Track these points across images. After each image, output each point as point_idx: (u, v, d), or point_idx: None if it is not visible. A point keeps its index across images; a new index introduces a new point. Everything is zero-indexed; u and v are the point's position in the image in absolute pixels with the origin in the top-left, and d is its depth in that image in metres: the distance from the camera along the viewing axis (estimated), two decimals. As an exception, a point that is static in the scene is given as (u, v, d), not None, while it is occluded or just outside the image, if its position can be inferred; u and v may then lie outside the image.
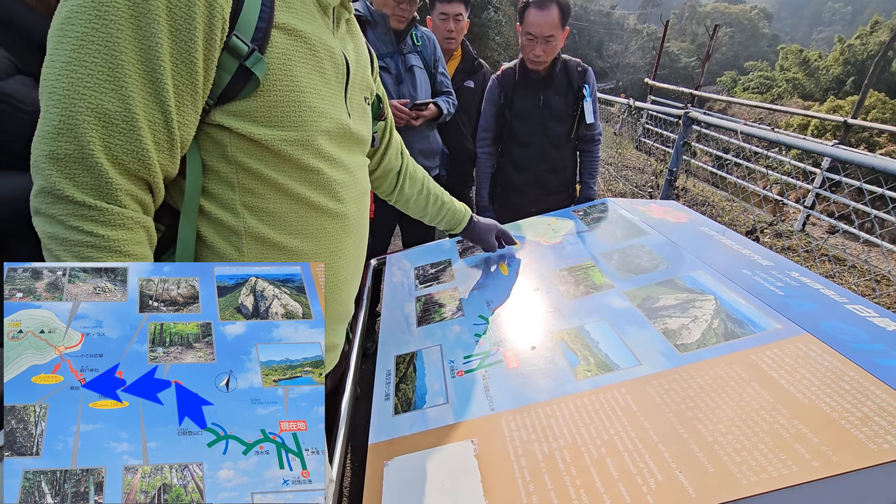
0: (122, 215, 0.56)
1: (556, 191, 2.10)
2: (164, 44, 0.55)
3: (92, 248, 0.55)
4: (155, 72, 0.55)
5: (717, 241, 1.32)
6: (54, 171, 0.53)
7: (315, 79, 0.69)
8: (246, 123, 0.64)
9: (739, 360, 0.83)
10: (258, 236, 0.69)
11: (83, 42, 0.52)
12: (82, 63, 0.52)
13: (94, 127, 0.53)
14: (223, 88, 0.61)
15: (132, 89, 0.54)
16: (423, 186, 1.23)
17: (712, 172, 5.86)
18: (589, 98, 1.93)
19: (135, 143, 0.56)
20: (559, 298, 1.15)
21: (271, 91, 0.64)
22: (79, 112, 0.52)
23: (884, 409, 0.68)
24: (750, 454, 0.66)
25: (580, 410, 0.81)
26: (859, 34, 22.13)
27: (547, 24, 1.75)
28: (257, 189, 0.68)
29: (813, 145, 2.25)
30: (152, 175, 0.59)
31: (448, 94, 2.07)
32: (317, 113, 0.70)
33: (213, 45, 0.58)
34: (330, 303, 0.80)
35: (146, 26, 0.53)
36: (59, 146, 0.53)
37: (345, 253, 0.80)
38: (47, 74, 0.53)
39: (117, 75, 0.53)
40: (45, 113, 0.53)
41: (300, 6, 0.68)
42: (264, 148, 0.66)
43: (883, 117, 15.33)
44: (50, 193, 0.54)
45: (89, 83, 0.52)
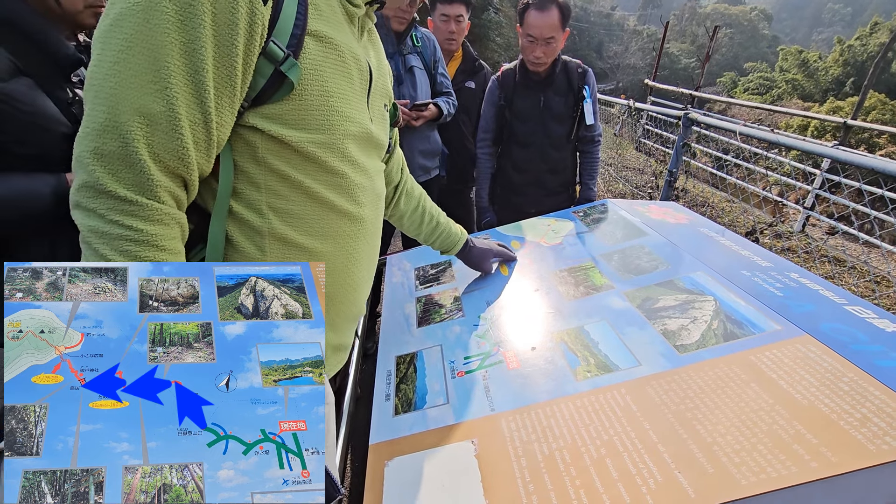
0: (160, 211, 0.58)
1: (555, 191, 2.10)
2: (208, 48, 0.57)
3: (130, 241, 0.57)
4: (198, 74, 0.57)
5: (717, 242, 1.32)
6: (98, 166, 0.55)
7: (343, 84, 0.72)
8: (277, 126, 0.66)
9: (739, 361, 0.83)
10: (281, 237, 0.71)
11: (131, 44, 0.54)
12: (129, 64, 0.54)
13: (139, 126, 0.55)
14: (257, 92, 0.64)
15: (176, 91, 0.56)
16: (419, 204, 1.22)
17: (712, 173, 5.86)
18: (589, 99, 1.93)
19: (176, 143, 0.58)
20: (559, 299, 1.15)
21: (302, 95, 0.66)
22: (124, 111, 0.54)
23: (882, 410, 0.68)
24: (749, 455, 0.66)
25: (580, 411, 0.81)
26: (859, 35, 22.14)
27: (547, 25, 1.75)
28: (283, 191, 0.70)
29: (813, 146, 2.25)
30: (190, 173, 0.61)
31: (448, 94, 2.07)
32: (344, 117, 0.72)
33: (252, 49, 0.60)
34: (343, 304, 0.81)
35: (191, 30, 0.55)
36: (103, 143, 0.55)
37: (360, 255, 0.82)
38: (94, 74, 0.55)
39: (163, 77, 0.55)
40: (90, 111, 0.55)
41: (330, 14, 0.70)
42: (293, 150, 0.68)
43: (883, 118, 15.33)
44: (92, 188, 0.56)
45: (135, 84, 0.54)
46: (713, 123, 2.76)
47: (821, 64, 22.69)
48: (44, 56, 0.91)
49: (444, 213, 1.30)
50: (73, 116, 0.95)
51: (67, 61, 0.94)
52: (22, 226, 0.90)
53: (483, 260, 1.34)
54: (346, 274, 0.80)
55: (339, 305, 0.81)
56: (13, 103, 0.85)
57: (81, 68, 1.02)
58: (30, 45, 0.89)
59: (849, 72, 21.52)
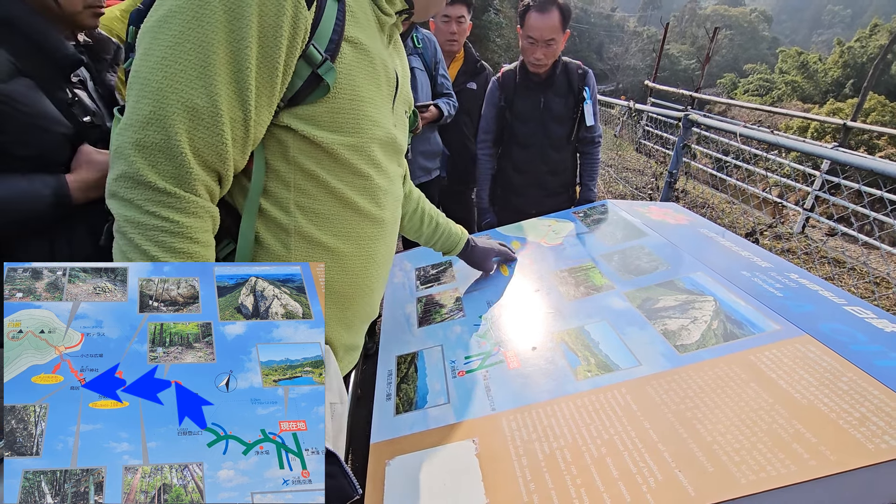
0: (196, 203, 0.60)
1: (556, 192, 2.10)
2: (253, 48, 0.58)
3: (166, 233, 0.58)
4: (241, 73, 0.59)
5: (717, 242, 1.32)
6: (139, 157, 0.56)
7: (373, 90, 0.74)
8: (310, 126, 0.68)
9: (738, 361, 0.83)
10: (306, 235, 0.72)
11: (180, 41, 0.56)
12: (177, 60, 0.56)
13: (183, 120, 0.57)
14: (294, 92, 0.65)
15: (220, 87, 0.58)
16: (418, 206, 1.22)
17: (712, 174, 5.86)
18: (589, 100, 1.94)
19: (216, 138, 0.59)
20: (559, 299, 1.16)
21: (336, 98, 0.69)
22: (170, 105, 0.56)
23: (881, 410, 0.68)
24: (749, 454, 0.66)
25: (580, 410, 0.81)
26: (858, 37, 22.16)
27: (548, 27, 1.75)
28: (310, 190, 0.71)
29: (812, 148, 2.25)
30: (226, 168, 0.62)
31: (448, 95, 2.07)
32: (372, 122, 0.74)
33: (293, 52, 0.63)
34: (360, 305, 0.82)
35: (239, 30, 0.57)
36: (147, 135, 0.56)
37: (378, 257, 0.83)
38: (141, 68, 0.57)
39: (209, 73, 0.57)
40: (135, 103, 0.56)
41: (365, 22, 0.73)
42: (323, 151, 0.70)
43: (882, 120, 15.33)
44: (131, 178, 0.57)
45: (182, 79, 0.56)
46: (713, 125, 2.76)
47: (820, 66, 22.71)
48: (43, 56, 0.91)
49: (443, 214, 1.30)
50: (72, 117, 0.95)
51: (67, 62, 0.94)
52: (21, 227, 0.90)
53: (485, 259, 1.34)
54: (365, 275, 0.81)
55: (356, 306, 0.82)
56: (12, 104, 0.85)
57: (82, 68, 1.02)
58: (29, 45, 0.89)
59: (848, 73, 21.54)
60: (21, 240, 0.93)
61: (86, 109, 0.98)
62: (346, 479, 0.61)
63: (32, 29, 0.89)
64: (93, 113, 1.00)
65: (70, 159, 0.95)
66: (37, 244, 0.94)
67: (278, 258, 0.71)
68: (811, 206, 5.17)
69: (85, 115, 0.97)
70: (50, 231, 0.95)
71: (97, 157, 0.97)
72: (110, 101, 1.09)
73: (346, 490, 0.61)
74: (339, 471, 0.61)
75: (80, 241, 0.98)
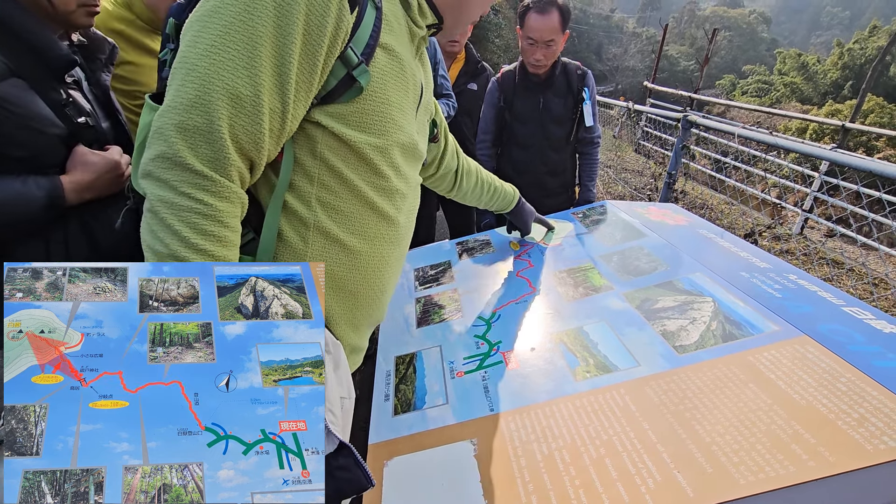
0: (229, 188, 0.61)
1: (555, 193, 2.10)
2: (297, 43, 0.61)
3: (199, 215, 0.59)
4: (284, 66, 0.61)
5: (716, 243, 1.32)
6: (179, 139, 0.58)
7: (400, 95, 0.77)
8: (339, 124, 0.70)
9: (737, 362, 0.83)
10: (324, 231, 0.74)
11: (230, 30, 0.58)
12: (226, 48, 0.58)
13: (226, 106, 0.58)
14: (328, 91, 0.68)
15: (264, 78, 0.60)
16: (478, 179, 1.34)
17: (711, 175, 5.87)
18: (588, 101, 1.94)
19: (256, 126, 0.61)
20: (558, 300, 1.16)
21: (366, 100, 0.71)
22: (215, 90, 0.58)
23: (880, 410, 0.68)
24: (748, 454, 0.66)
25: (579, 411, 0.81)
26: (857, 39, 22.20)
27: (547, 28, 1.75)
28: (333, 186, 0.73)
29: (811, 149, 2.26)
30: (260, 157, 0.64)
31: (448, 96, 2.08)
32: (397, 125, 0.76)
33: (333, 52, 0.65)
34: (369, 306, 0.83)
35: (286, 25, 0.60)
36: (189, 118, 0.58)
37: (390, 259, 0.84)
38: (188, 54, 0.58)
39: (255, 64, 0.59)
40: (180, 87, 0.58)
41: (399, 31, 0.76)
42: (349, 149, 0.72)
43: (881, 121, 15.36)
44: (169, 159, 0.58)
45: (230, 66, 0.58)
46: (712, 126, 2.76)
47: (819, 67, 22.75)
48: (36, 57, 0.90)
49: (496, 177, 1.42)
50: (66, 118, 0.94)
51: (60, 62, 0.93)
52: (15, 228, 0.89)
53: (528, 218, 1.49)
54: (377, 276, 0.82)
55: (365, 307, 0.82)
56: (5, 105, 0.85)
57: (77, 69, 1.02)
58: (22, 45, 0.88)
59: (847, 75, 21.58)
60: (16, 241, 0.92)
61: (80, 110, 0.98)
62: (361, 470, 0.63)
63: (25, 29, 0.88)
64: (87, 113, 0.99)
65: (64, 160, 0.95)
66: (32, 245, 0.94)
67: (296, 252, 0.73)
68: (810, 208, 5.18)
69: (79, 116, 0.97)
70: (45, 231, 0.94)
71: (92, 159, 0.97)
72: (105, 102, 1.09)
73: (361, 482, 0.63)
74: (354, 462, 0.62)
75: (75, 241, 0.98)
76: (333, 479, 0.60)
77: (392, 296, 1.40)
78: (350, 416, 0.82)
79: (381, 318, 0.91)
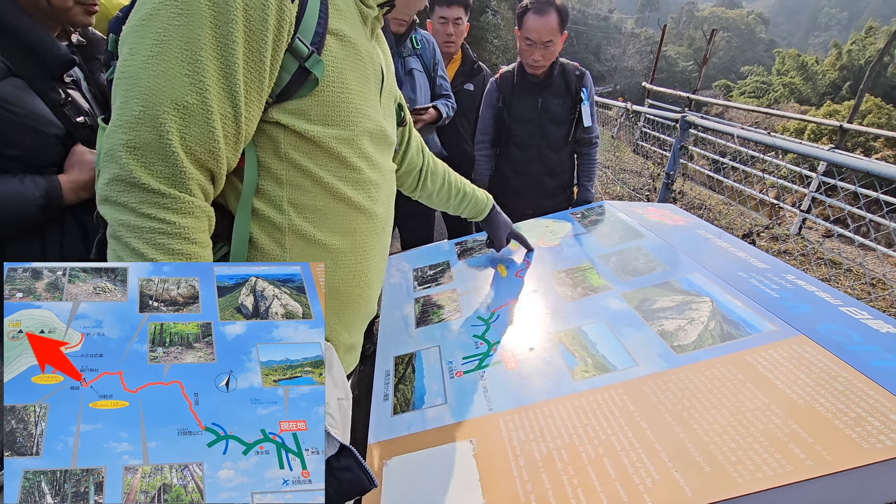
0: (192, 204, 0.59)
1: (553, 193, 2.11)
2: (240, 42, 0.58)
3: (163, 234, 0.57)
4: (230, 68, 0.58)
5: (714, 243, 1.33)
6: (131, 159, 0.55)
7: (361, 82, 0.74)
8: (301, 121, 0.68)
9: (735, 362, 0.83)
10: (301, 233, 0.72)
11: (165, 38, 0.55)
12: (165, 57, 0.55)
13: (174, 118, 0.56)
14: (282, 87, 0.65)
15: (210, 84, 0.57)
16: (444, 181, 1.28)
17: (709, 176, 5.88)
18: (586, 101, 1.94)
19: (208, 135, 0.59)
20: (557, 300, 1.16)
21: (324, 91, 0.69)
22: (160, 103, 0.55)
23: (877, 410, 0.68)
24: (745, 454, 0.66)
25: (578, 411, 0.81)
26: (855, 39, 22.25)
27: (546, 29, 1.76)
28: (304, 185, 0.71)
29: (809, 149, 2.26)
30: (219, 167, 0.62)
31: (447, 97, 2.08)
32: (362, 114, 0.74)
33: (280, 46, 0.62)
34: (357, 302, 0.82)
35: (224, 25, 0.57)
36: (137, 135, 0.55)
37: (373, 251, 0.83)
38: (128, 66, 0.56)
39: (197, 70, 0.56)
40: (124, 103, 0.56)
41: (348, 15, 0.73)
42: (315, 145, 0.70)
43: (879, 122, 15.39)
44: (124, 181, 0.56)
45: (171, 76, 0.55)
46: (710, 126, 2.77)
47: (817, 68, 22.81)
48: (35, 57, 0.90)
49: (468, 181, 1.35)
50: (65, 118, 0.94)
51: (59, 62, 0.93)
52: (11, 228, 0.89)
53: (501, 231, 1.39)
54: (361, 271, 0.81)
55: (353, 303, 0.82)
56: (4, 105, 0.85)
57: (75, 68, 1.02)
58: (20, 45, 0.88)
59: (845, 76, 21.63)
60: (12, 239, 0.92)
61: (79, 109, 0.98)
62: (363, 471, 0.62)
63: (23, 29, 0.88)
64: (86, 113, 0.99)
65: (63, 160, 0.95)
66: (28, 243, 0.94)
67: (273, 258, 0.71)
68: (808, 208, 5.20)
69: (78, 116, 0.97)
70: (41, 230, 0.94)
71: (90, 158, 0.97)
72: (104, 102, 1.09)
73: (363, 483, 0.62)
74: (356, 464, 0.62)
75: (71, 241, 0.98)
76: (336, 480, 0.60)
77: (389, 293, 1.41)
78: (349, 417, 0.82)
79: (372, 312, 0.90)
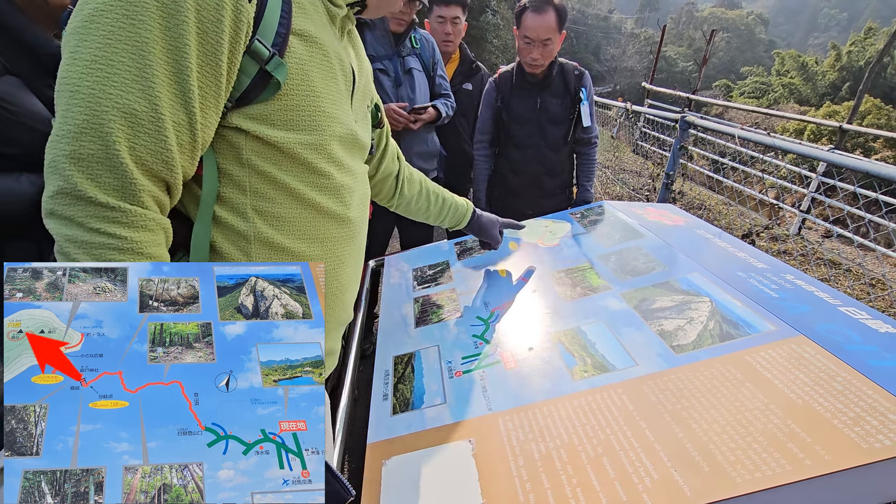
0: (144, 217, 0.56)
1: (552, 193, 2.11)
2: (192, 45, 0.55)
3: (114, 250, 0.55)
4: (182, 73, 0.55)
5: (713, 244, 1.33)
6: (76, 171, 0.52)
7: (328, 84, 0.70)
8: (263, 126, 0.64)
9: (734, 361, 0.84)
10: (267, 241, 0.69)
11: (110, 41, 0.51)
12: (109, 62, 0.51)
13: (121, 127, 0.52)
14: (242, 91, 0.62)
15: (160, 90, 0.54)
16: (422, 187, 1.22)
17: (709, 176, 5.89)
18: (586, 101, 1.95)
19: (160, 144, 0.55)
20: (556, 300, 1.16)
21: (289, 95, 0.65)
22: (105, 111, 0.52)
23: (875, 409, 0.69)
24: (744, 453, 0.66)
25: (577, 410, 0.81)
26: (854, 40, 22.27)
27: (544, 27, 1.76)
28: (269, 193, 0.68)
29: (809, 150, 2.26)
30: (173, 177, 0.59)
31: (447, 96, 2.08)
32: (330, 118, 0.71)
33: (237, 48, 0.59)
34: (331, 307, 0.80)
35: (175, 27, 0.53)
36: (81, 146, 0.52)
37: (347, 258, 0.81)
38: (69, 73, 0.52)
39: (145, 75, 0.53)
40: (66, 112, 0.52)
41: (314, 14, 0.69)
42: (279, 151, 0.66)
43: (878, 123, 15.40)
44: (69, 195, 0.52)
45: (116, 82, 0.52)
46: (710, 126, 2.77)
47: (817, 68, 22.81)
48: (30, 54, 0.90)
49: (446, 189, 1.29)
50: None
51: (54, 59, 0.93)
52: (7, 226, 0.89)
53: (491, 229, 1.34)
54: (335, 276, 0.79)
55: (329, 309, 0.80)
56: (1, 103, 0.85)
57: None
58: (15, 43, 0.88)
59: (844, 76, 21.63)
60: (9, 238, 0.92)
61: None
62: (338, 482, 0.60)
63: (18, 27, 0.88)
64: None
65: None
66: (24, 242, 0.94)
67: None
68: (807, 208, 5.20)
69: None
70: (37, 229, 0.94)
71: None
72: None
73: (340, 494, 0.60)
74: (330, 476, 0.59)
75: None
76: None
77: (389, 293, 1.41)
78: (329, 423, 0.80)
79: (349, 317, 0.88)
